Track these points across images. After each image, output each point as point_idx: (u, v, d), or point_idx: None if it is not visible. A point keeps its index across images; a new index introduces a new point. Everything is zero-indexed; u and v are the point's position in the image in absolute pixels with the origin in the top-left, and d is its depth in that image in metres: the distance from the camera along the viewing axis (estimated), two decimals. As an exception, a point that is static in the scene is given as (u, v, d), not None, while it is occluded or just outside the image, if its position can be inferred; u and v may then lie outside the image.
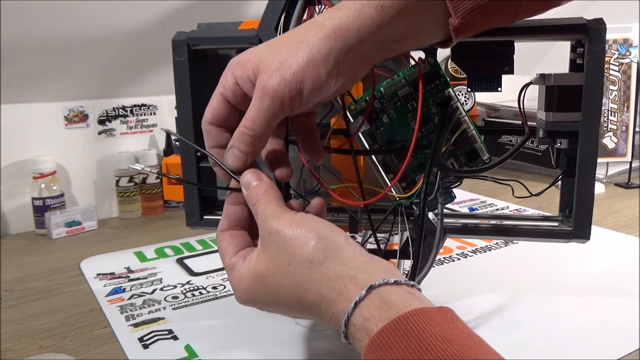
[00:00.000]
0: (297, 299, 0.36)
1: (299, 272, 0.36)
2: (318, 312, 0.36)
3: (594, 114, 0.47)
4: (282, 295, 0.37)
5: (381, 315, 0.32)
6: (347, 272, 0.35)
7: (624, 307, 0.57)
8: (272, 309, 0.39)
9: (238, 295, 0.39)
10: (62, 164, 0.93)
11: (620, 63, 1.05)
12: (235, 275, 0.39)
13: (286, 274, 0.36)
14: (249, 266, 0.38)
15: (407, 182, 0.50)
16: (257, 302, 0.39)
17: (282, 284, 0.36)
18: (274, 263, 0.37)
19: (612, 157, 1.07)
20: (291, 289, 0.36)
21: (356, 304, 0.33)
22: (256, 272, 0.38)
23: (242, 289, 0.39)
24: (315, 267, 0.36)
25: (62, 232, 0.86)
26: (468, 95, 1.04)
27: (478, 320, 0.55)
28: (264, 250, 0.38)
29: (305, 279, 0.36)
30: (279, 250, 0.37)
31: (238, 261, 0.40)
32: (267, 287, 0.37)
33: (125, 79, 0.97)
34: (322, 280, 0.35)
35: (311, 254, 0.36)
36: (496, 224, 0.53)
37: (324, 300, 0.35)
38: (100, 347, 0.53)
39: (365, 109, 0.49)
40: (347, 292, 0.34)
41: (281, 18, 0.48)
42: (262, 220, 0.38)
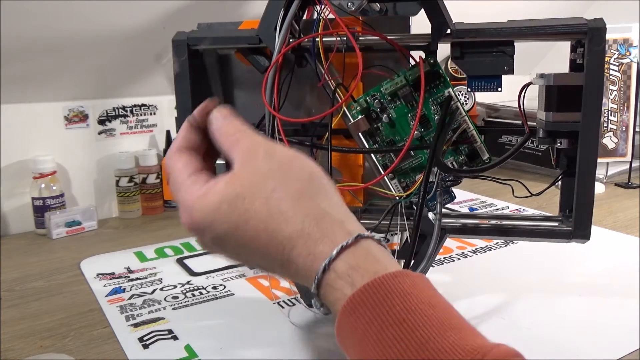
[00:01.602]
0: (269, 230, 0.31)
1: (283, 200, 0.32)
2: (290, 250, 0.31)
3: (594, 114, 0.47)
4: (252, 222, 0.32)
5: (367, 267, 0.30)
6: (336, 215, 0.32)
7: (624, 307, 0.57)
8: (227, 241, 0.33)
9: (190, 214, 0.33)
10: (62, 164, 0.93)
11: (620, 63, 1.05)
12: (193, 191, 0.34)
13: (267, 200, 0.32)
14: (217, 185, 0.33)
15: (407, 182, 0.50)
16: (212, 226, 0.32)
17: (258, 210, 0.32)
18: (255, 185, 0.32)
19: (612, 157, 1.07)
20: (267, 217, 0.31)
21: (343, 249, 0.30)
22: (227, 192, 0.32)
23: (201, 207, 0.33)
24: (305, 200, 0.32)
25: (62, 232, 0.86)
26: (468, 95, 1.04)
27: (478, 320, 0.55)
28: (245, 171, 0.33)
29: (289, 209, 0.32)
30: (265, 175, 0.33)
31: (198, 178, 0.35)
32: (238, 209, 0.32)
33: (125, 79, 0.97)
34: (309, 216, 0.31)
35: (302, 188, 0.33)
36: (496, 224, 0.53)
37: (304, 236, 0.31)
38: (100, 347, 0.53)
39: (365, 109, 0.49)
40: (332, 234, 0.31)
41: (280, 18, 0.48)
42: (250, 144, 0.34)
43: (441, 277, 0.66)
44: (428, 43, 0.49)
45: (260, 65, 0.52)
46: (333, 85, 0.49)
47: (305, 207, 0.32)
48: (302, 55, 0.51)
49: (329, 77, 0.49)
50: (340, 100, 0.48)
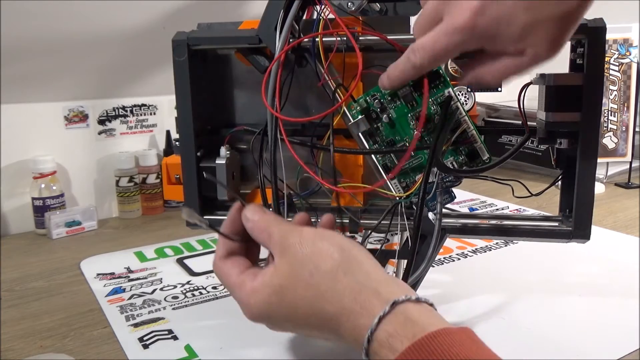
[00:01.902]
0: (316, 312, 0.35)
1: (321, 283, 0.35)
2: (337, 326, 0.35)
3: (594, 114, 0.47)
4: (300, 308, 0.36)
5: (406, 332, 0.32)
6: (371, 285, 0.35)
7: (624, 307, 0.57)
8: (286, 325, 0.38)
9: (250, 310, 0.38)
10: (62, 164, 0.93)
11: (620, 63, 1.05)
12: (246, 290, 0.38)
13: (308, 286, 0.36)
14: (264, 279, 0.38)
15: (407, 182, 0.50)
16: (270, 317, 0.38)
17: (303, 296, 0.36)
18: (294, 275, 0.36)
19: (612, 157, 1.07)
20: (311, 301, 0.36)
21: (380, 319, 0.33)
22: (273, 284, 0.37)
23: (255, 303, 0.38)
24: (339, 278, 0.35)
25: (62, 232, 0.86)
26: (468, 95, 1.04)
27: (478, 320, 0.55)
28: (283, 262, 0.37)
29: (328, 290, 0.35)
30: (302, 262, 0.37)
31: (247, 278, 0.39)
32: (286, 299, 0.36)
33: (125, 79, 0.97)
34: (345, 292, 0.35)
35: (335, 266, 0.36)
36: (496, 224, 0.53)
37: (346, 312, 0.34)
38: (100, 347, 0.53)
39: (365, 109, 0.49)
40: (370, 306, 0.34)
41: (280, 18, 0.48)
42: (281, 236, 0.39)
43: (441, 277, 0.66)
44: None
45: (260, 65, 0.52)
46: (333, 85, 0.49)
47: (342, 285, 0.35)
48: (302, 55, 0.51)
49: (329, 77, 0.49)
50: (340, 100, 0.48)
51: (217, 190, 0.53)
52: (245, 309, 0.39)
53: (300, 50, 0.50)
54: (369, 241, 0.69)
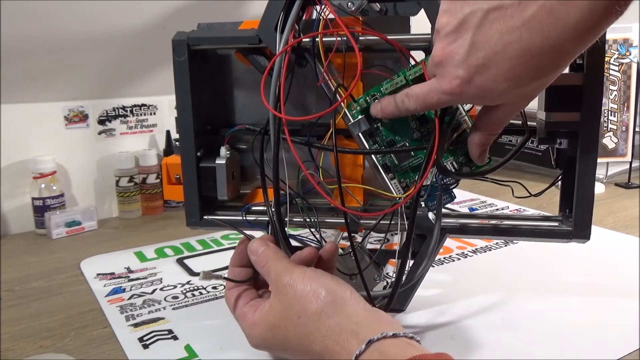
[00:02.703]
0: (305, 349, 0.40)
1: (308, 324, 0.40)
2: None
3: (594, 114, 0.47)
4: (292, 345, 0.41)
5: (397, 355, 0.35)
6: (351, 327, 0.38)
7: (624, 307, 0.57)
8: (284, 355, 0.43)
9: (251, 340, 0.44)
10: (62, 164, 0.93)
11: (620, 63, 1.05)
12: (248, 322, 0.44)
13: (296, 326, 0.40)
14: (261, 316, 0.43)
15: (407, 182, 0.50)
16: (269, 347, 0.44)
17: (293, 335, 0.40)
18: (285, 315, 0.41)
19: (612, 157, 1.07)
20: (300, 339, 0.40)
21: (357, 357, 0.36)
22: (268, 322, 0.42)
23: (255, 336, 0.44)
24: (323, 320, 0.39)
25: (62, 232, 0.86)
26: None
27: (478, 320, 0.55)
28: (276, 301, 0.42)
29: (313, 331, 0.39)
30: (290, 303, 0.41)
31: (249, 310, 0.45)
32: (279, 336, 0.41)
33: (125, 79, 0.97)
34: (328, 334, 0.38)
35: (320, 308, 0.40)
36: (496, 224, 0.53)
37: (329, 352, 0.38)
38: (100, 347, 0.53)
39: (365, 109, 0.49)
40: (349, 346, 0.37)
41: (281, 18, 0.48)
42: (275, 275, 0.43)
43: (441, 277, 0.66)
44: (428, 43, 0.49)
45: (260, 65, 0.52)
46: (333, 85, 0.49)
47: (325, 327, 0.39)
48: (302, 56, 0.51)
49: (329, 77, 0.49)
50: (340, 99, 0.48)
51: (217, 190, 0.53)
52: (248, 339, 0.45)
53: (300, 50, 0.50)
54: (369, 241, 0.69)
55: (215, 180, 0.53)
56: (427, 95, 0.39)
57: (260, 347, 0.44)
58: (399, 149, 0.49)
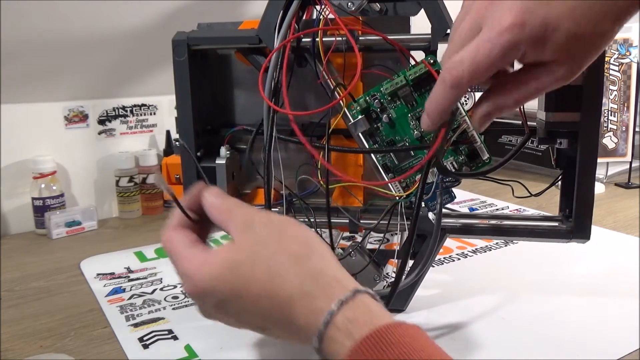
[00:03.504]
0: (270, 293, 0.34)
1: (283, 264, 0.34)
2: (290, 309, 0.33)
3: (594, 114, 0.47)
4: (253, 287, 0.34)
5: (365, 319, 0.32)
6: (332, 273, 0.35)
7: (624, 307, 0.57)
8: (228, 307, 0.36)
9: (194, 282, 0.36)
10: (62, 164, 0.93)
11: (620, 63, 1.05)
12: (195, 261, 0.36)
13: (267, 265, 0.34)
14: (219, 254, 0.36)
15: (407, 182, 0.50)
16: (214, 292, 0.35)
17: (259, 275, 0.34)
18: (255, 252, 0.35)
19: (612, 157, 1.07)
20: (270, 278, 0.34)
21: (342, 303, 0.32)
22: (229, 259, 0.35)
23: (204, 275, 0.35)
24: (303, 261, 0.35)
25: (62, 232, 0.86)
26: (468, 95, 1.04)
27: (478, 320, 0.55)
28: (244, 239, 0.36)
29: (288, 271, 0.34)
30: (264, 241, 0.35)
31: (197, 250, 0.37)
32: (239, 275, 0.34)
33: (125, 79, 0.97)
34: (307, 276, 0.34)
35: (300, 251, 0.35)
36: (496, 224, 0.53)
37: (304, 295, 0.33)
38: (100, 347, 0.53)
39: (365, 109, 0.49)
40: (331, 290, 0.33)
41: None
42: (245, 214, 0.37)
43: (441, 277, 0.66)
44: (428, 43, 0.49)
45: (260, 65, 0.52)
46: (333, 85, 0.49)
47: (304, 268, 0.34)
48: (302, 55, 0.51)
49: (328, 76, 0.49)
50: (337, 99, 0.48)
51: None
52: (189, 280, 0.36)
53: (299, 50, 0.50)
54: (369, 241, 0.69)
55: (215, 180, 0.53)
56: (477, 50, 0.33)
57: (204, 290, 0.36)
58: (398, 148, 0.49)
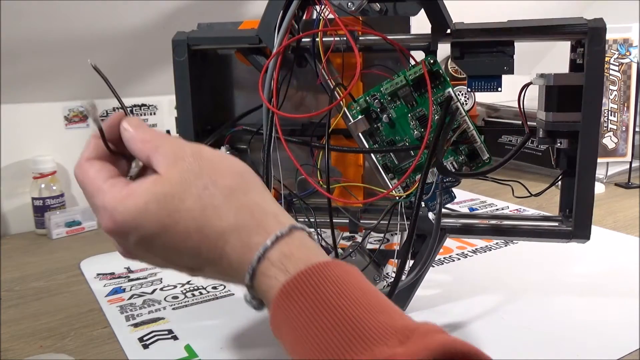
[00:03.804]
0: (201, 227, 0.31)
1: (217, 196, 0.32)
2: (222, 244, 0.31)
3: (594, 114, 0.47)
4: (183, 221, 0.31)
5: (300, 256, 0.30)
6: (270, 208, 0.33)
7: (624, 307, 0.57)
8: (154, 243, 0.32)
9: (114, 215, 0.32)
10: (62, 164, 0.93)
11: (620, 63, 1.05)
12: (116, 193, 0.33)
13: (199, 198, 0.32)
14: (143, 185, 0.32)
15: (407, 182, 0.50)
16: (138, 227, 0.32)
17: (190, 208, 0.31)
18: (185, 184, 0.32)
19: (612, 157, 1.07)
20: (199, 214, 0.31)
21: (278, 238, 0.31)
22: (156, 192, 0.32)
23: (126, 208, 0.32)
24: (238, 195, 0.32)
25: (62, 232, 0.86)
26: (468, 95, 1.04)
27: (478, 320, 0.55)
28: (174, 171, 0.33)
29: (223, 204, 0.32)
30: (197, 174, 0.32)
31: (118, 182, 0.34)
32: (168, 208, 0.31)
33: (125, 79, 0.97)
34: (242, 209, 0.32)
35: (235, 184, 0.33)
36: (496, 224, 0.53)
37: (238, 228, 0.31)
38: (100, 347, 0.53)
39: (365, 109, 0.49)
40: (267, 224, 0.32)
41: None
42: (174, 146, 0.34)
43: (441, 277, 0.66)
44: (428, 43, 0.49)
45: (260, 66, 0.52)
46: (332, 84, 0.49)
47: (239, 201, 0.32)
48: (302, 55, 0.51)
49: (328, 76, 0.49)
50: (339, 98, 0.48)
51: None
52: (108, 214, 0.32)
53: (299, 50, 0.50)
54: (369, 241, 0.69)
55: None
56: None
57: (126, 224, 0.32)
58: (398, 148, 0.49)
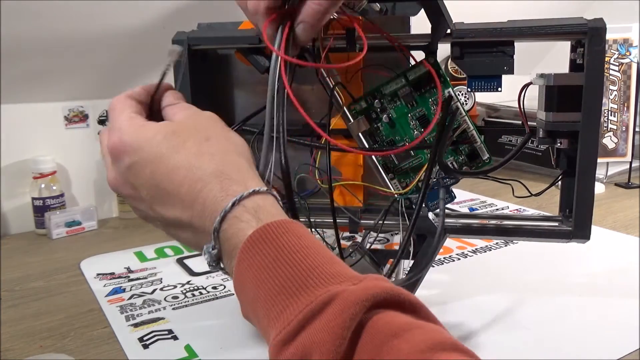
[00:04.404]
0: (192, 165, 0.34)
1: (214, 148, 0.36)
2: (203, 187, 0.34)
3: (594, 114, 0.47)
4: (177, 156, 0.35)
5: (272, 211, 0.34)
6: (255, 175, 0.36)
7: (624, 307, 0.57)
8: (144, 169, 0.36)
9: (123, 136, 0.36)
10: (62, 164, 0.93)
11: (620, 63, 1.05)
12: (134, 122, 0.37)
13: (200, 144, 0.36)
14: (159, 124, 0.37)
15: (407, 182, 0.50)
16: (137, 151, 0.36)
17: (189, 147, 0.35)
18: (194, 129, 0.37)
19: (612, 157, 1.07)
20: (194, 155, 0.35)
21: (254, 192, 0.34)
22: (167, 128, 0.37)
23: (135, 133, 0.36)
24: (233, 155, 0.36)
25: (62, 232, 0.86)
26: (468, 95, 1.04)
27: (478, 320, 0.55)
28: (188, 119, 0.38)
29: (217, 154, 0.35)
30: (206, 128, 0.37)
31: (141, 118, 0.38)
32: (170, 142, 0.35)
33: (125, 79, 0.97)
34: (233, 164, 0.35)
35: (234, 148, 0.37)
36: (496, 224, 0.53)
37: (222, 176, 0.34)
38: (100, 347, 0.53)
39: (365, 109, 0.49)
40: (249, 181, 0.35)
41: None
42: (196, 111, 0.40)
43: (441, 277, 0.66)
44: (428, 43, 0.49)
45: (260, 66, 0.52)
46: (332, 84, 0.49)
47: (231, 158, 0.36)
48: (302, 55, 0.51)
49: (328, 77, 0.49)
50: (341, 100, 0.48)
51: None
52: (118, 134, 0.37)
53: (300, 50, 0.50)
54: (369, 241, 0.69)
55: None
56: None
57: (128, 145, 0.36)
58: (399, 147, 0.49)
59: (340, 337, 0.26)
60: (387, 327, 0.26)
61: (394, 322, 0.27)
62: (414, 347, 0.25)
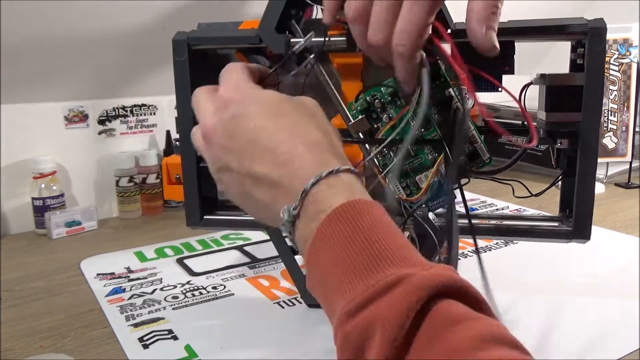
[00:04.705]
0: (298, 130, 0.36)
1: (319, 123, 0.38)
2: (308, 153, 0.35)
3: (594, 114, 0.47)
4: (284, 119, 0.37)
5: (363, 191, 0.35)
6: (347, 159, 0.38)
7: (624, 307, 0.57)
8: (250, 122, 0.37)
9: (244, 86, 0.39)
10: (62, 164, 0.93)
11: (620, 63, 1.05)
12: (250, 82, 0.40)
13: (306, 117, 0.38)
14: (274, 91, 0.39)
15: (407, 182, 0.50)
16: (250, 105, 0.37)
17: (295, 117, 0.37)
18: (302, 104, 0.39)
19: (612, 157, 1.07)
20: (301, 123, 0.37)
21: (349, 170, 0.35)
22: (282, 96, 0.39)
23: (254, 89, 0.39)
24: (333, 134, 0.38)
25: (62, 232, 0.86)
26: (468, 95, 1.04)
27: (478, 320, 0.55)
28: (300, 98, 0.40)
29: (322, 129, 0.37)
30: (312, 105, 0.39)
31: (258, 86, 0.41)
32: (280, 106, 0.38)
33: (125, 79, 0.97)
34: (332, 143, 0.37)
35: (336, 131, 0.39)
36: (496, 224, 0.53)
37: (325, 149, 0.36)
38: (100, 347, 0.53)
39: (365, 109, 0.49)
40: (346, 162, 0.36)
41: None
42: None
43: (441, 277, 0.66)
44: (428, 43, 0.49)
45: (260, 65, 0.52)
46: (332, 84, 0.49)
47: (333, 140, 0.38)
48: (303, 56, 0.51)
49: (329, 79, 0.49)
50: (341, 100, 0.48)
51: (218, 190, 0.53)
52: (235, 84, 0.39)
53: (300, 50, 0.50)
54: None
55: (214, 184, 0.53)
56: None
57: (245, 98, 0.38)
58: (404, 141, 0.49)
59: (404, 316, 0.27)
60: (449, 314, 0.28)
61: (456, 311, 0.28)
62: (471, 336, 0.26)
